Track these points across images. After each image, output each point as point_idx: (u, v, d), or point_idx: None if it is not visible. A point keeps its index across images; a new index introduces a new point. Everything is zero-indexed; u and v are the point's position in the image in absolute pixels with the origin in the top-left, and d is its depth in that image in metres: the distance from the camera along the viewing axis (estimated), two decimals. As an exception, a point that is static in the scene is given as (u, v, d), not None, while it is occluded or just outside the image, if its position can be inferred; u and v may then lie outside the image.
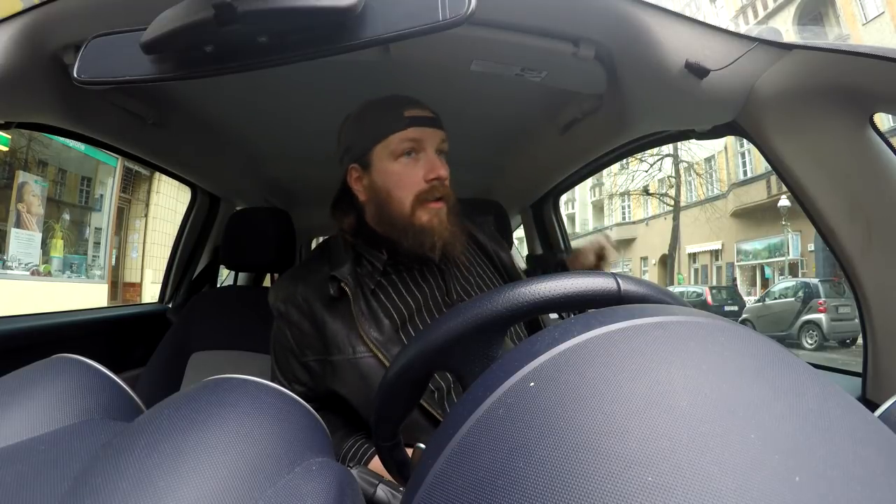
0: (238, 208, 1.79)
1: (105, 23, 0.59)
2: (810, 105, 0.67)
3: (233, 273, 1.69)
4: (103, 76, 0.50)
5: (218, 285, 1.89)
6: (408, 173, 0.79)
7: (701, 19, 0.70)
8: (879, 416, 0.33)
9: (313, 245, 2.84)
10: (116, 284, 9.09)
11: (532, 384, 0.25)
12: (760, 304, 10.79)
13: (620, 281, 0.41)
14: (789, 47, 0.67)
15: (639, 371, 0.24)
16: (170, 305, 1.73)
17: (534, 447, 0.22)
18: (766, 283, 13.68)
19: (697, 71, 0.68)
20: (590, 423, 0.22)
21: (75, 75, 0.49)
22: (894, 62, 0.56)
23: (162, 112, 1.11)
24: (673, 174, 16.43)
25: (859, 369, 0.79)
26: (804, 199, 0.74)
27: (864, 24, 10.89)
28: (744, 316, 10.88)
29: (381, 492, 0.61)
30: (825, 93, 0.66)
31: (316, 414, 0.40)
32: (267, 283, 2.03)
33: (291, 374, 0.84)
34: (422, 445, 0.52)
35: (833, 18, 11.50)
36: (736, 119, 0.76)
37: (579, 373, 0.24)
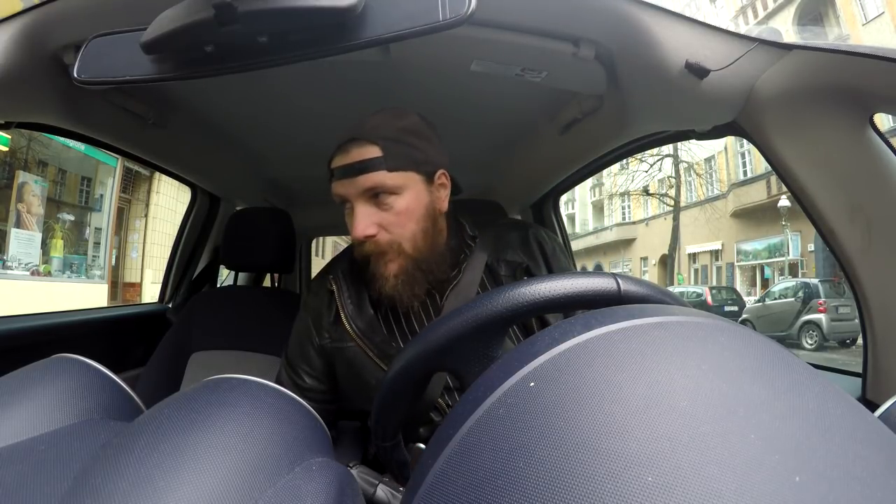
0: (238, 208, 1.79)
1: (105, 23, 0.59)
2: (810, 105, 0.67)
3: (233, 273, 1.69)
4: (103, 76, 0.51)
5: (218, 285, 1.89)
6: (349, 225, 0.73)
7: (701, 19, 0.70)
8: (879, 416, 0.33)
9: (313, 245, 2.84)
10: (116, 284, 9.08)
11: (532, 384, 0.25)
12: (760, 304, 10.77)
13: (620, 281, 0.41)
14: (789, 47, 0.67)
15: (639, 371, 0.24)
16: (170, 305, 1.73)
17: (534, 447, 0.22)
18: (766, 283, 13.67)
19: (697, 71, 0.68)
20: (590, 423, 0.22)
21: (75, 75, 0.49)
22: (894, 62, 0.56)
23: (162, 112, 1.11)
24: (673, 174, 16.42)
25: (859, 369, 0.79)
26: (804, 199, 0.74)
27: (864, 25, 10.88)
28: (744, 316, 10.85)
29: (381, 492, 0.61)
30: (825, 93, 0.66)
31: (316, 414, 0.40)
32: (267, 283, 2.03)
33: (301, 357, 0.85)
34: (422, 445, 0.52)
35: (833, 19, 11.49)
36: (736, 119, 0.76)
37: (579, 373, 0.24)
